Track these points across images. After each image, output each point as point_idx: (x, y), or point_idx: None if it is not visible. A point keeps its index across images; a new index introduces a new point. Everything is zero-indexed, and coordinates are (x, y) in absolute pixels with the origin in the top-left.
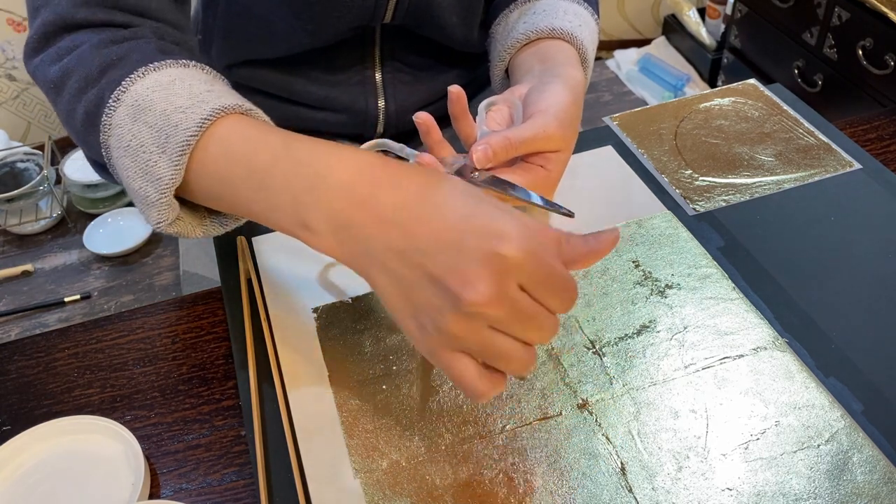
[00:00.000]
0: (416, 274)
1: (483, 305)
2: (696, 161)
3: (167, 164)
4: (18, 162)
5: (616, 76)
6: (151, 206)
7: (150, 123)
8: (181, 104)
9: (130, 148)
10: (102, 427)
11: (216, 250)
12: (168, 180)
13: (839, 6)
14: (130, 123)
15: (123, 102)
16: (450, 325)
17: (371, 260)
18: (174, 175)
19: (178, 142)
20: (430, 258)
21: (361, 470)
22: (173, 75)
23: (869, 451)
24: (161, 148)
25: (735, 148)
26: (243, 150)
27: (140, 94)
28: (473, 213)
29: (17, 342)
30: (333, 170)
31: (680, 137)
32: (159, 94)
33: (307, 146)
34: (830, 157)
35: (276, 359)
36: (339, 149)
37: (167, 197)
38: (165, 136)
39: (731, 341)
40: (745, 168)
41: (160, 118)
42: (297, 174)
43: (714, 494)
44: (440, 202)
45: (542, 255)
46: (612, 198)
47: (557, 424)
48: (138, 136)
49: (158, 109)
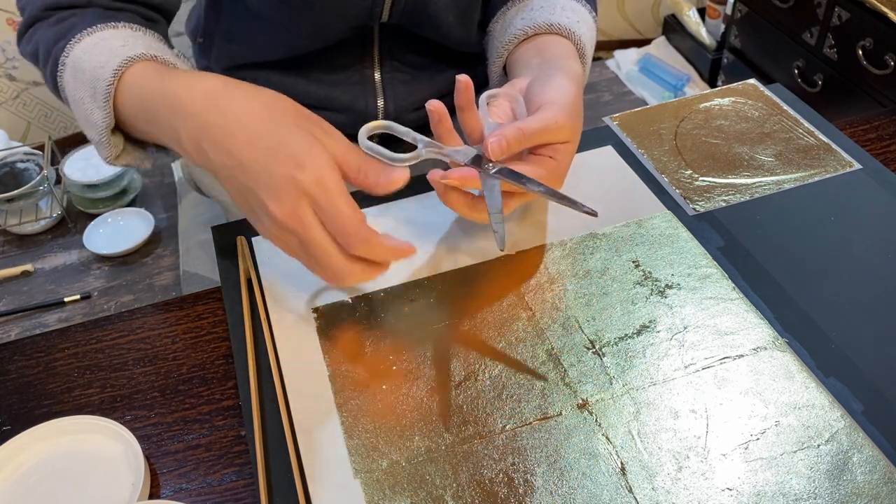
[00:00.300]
0: (242, 185)
1: (280, 220)
2: (696, 161)
3: (98, 111)
4: (18, 162)
5: (616, 76)
6: (98, 146)
7: (83, 80)
8: (102, 61)
9: (75, 101)
10: (102, 427)
11: (216, 250)
12: (101, 123)
13: (839, 6)
14: (73, 81)
15: (67, 66)
16: (268, 227)
17: (217, 172)
18: (105, 118)
19: (101, 92)
20: (250, 176)
21: (361, 470)
22: (102, 37)
23: (869, 451)
24: (92, 98)
25: (735, 148)
26: (139, 92)
27: (76, 57)
28: (283, 143)
29: (17, 342)
30: (186, 102)
31: (680, 137)
32: (88, 56)
33: (176, 83)
34: (830, 157)
35: (276, 359)
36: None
37: (105, 137)
38: (93, 88)
39: (731, 341)
40: (745, 168)
41: (88, 75)
42: (168, 108)
43: (714, 494)
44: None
45: (332, 188)
46: (612, 198)
47: (557, 424)
48: (78, 90)
49: (87, 68)
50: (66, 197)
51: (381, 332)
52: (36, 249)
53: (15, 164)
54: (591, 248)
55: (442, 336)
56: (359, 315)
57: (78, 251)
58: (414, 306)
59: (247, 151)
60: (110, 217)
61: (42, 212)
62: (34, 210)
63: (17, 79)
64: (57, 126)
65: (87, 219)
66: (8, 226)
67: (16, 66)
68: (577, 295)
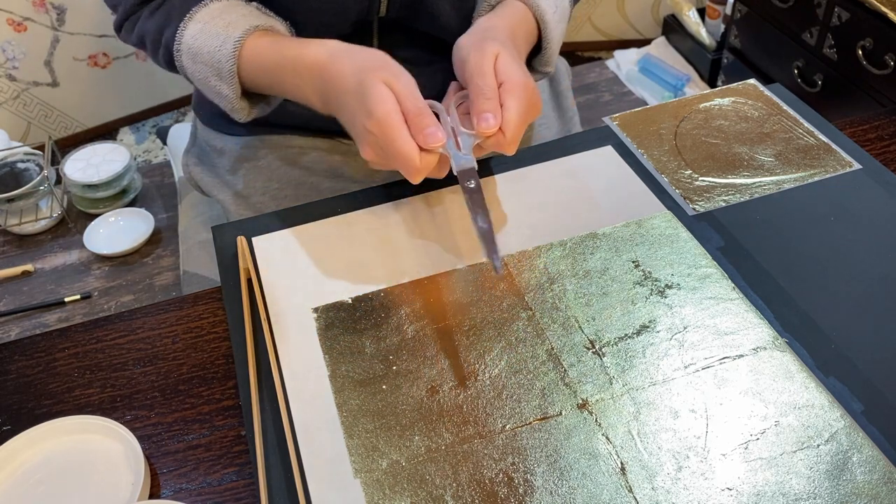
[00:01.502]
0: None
1: (364, 154)
2: (696, 161)
3: (227, 87)
4: (18, 162)
5: (616, 76)
6: (231, 112)
7: (204, 62)
8: (216, 44)
9: (200, 80)
10: (102, 427)
11: (216, 250)
12: (232, 95)
13: (839, 6)
14: (192, 64)
15: (182, 52)
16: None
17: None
18: (234, 91)
19: (226, 71)
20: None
21: (361, 470)
22: (202, 19)
23: (869, 451)
24: (218, 77)
25: (735, 148)
26: (260, 63)
27: (188, 44)
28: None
29: (17, 342)
30: (307, 61)
31: (680, 137)
32: (200, 41)
33: (291, 51)
34: (830, 157)
35: (276, 359)
36: (310, 44)
37: (236, 104)
38: (217, 69)
39: (731, 341)
40: (744, 168)
41: (207, 58)
42: (291, 71)
43: (714, 494)
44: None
45: (390, 132)
46: (612, 198)
47: (557, 424)
48: (202, 71)
49: (204, 52)
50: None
51: (381, 332)
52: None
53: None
54: (591, 248)
55: (442, 336)
56: (359, 315)
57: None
58: (414, 306)
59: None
60: (110, 217)
61: (42, 212)
62: (34, 210)
63: (17, 79)
64: (57, 126)
65: (87, 219)
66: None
67: (16, 67)
68: (577, 295)
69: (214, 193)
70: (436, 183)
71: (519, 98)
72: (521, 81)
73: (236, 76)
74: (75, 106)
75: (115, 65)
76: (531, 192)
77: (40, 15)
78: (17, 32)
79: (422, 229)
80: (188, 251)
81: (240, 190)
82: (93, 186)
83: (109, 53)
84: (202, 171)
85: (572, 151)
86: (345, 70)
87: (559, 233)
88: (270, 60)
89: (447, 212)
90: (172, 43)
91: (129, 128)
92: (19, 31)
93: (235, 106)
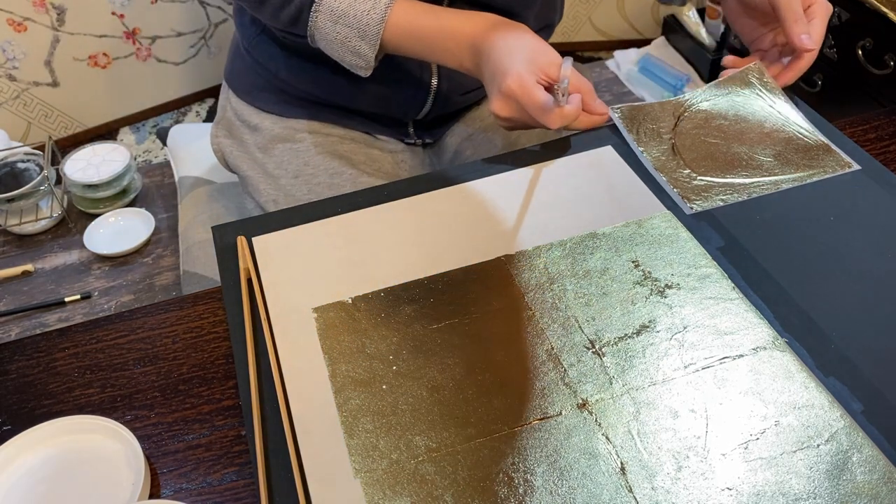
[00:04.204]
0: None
1: (498, 111)
2: (695, 161)
3: (368, 46)
4: (19, 162)
5: (616, 76)
6: (359, 69)
7: (348, 24)
8: (364, 8)
9: (337, 41)
10: (102, 427)
11: (216, 250)
12: (370, 55)
13: (839, 6)
14: (332, 25)
15: (321, 12)
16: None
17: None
18: (373, 51)
19: (372, 34)
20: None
21: (361, 470)
22: None
23: (869, 451)
24: (361, 37)
25: (734, 148)
26: (410, 28)
27: (332, 6)
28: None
29: (17, 342)
30: (464, 31)
31: (679, 137)
32: (346, 4)
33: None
34: (830, 158)
35: (277, 359)
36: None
37: (371, 63)
38: (361, 31)
39: (731, 341)
40: (744, 168)
41: (353, 20)
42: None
43: (714, 494)
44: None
45: (527, 89)
46: (612, 198)
47: (557, 424)
48: (342, 32)
49: (350, 14)
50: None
51: (381, 332)
52: (36, 249)
53: (15, 164)
54: (591, 248)
55: (442, 336)
56: (359, 315)
57: (78, 251)
58: (414, 306)
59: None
60: (110, 217)
61: (42, 212)
62: (34, 210)
63: (18, 79)
64: (57, 126)
65: (87, 219)
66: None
67: (16, 67)
68: (577, 295)
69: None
70: (436, 183)
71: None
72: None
73: (380, 38)
74: (75, 106)
75: (115, 65)
76: (532, 192)
77: (40, 15)
78: (17, 32)
79: (422, 229)
80: (188, 251)
81: (270, 169)
82: (93, 186)
83: (109, 53)
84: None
85: (572, 151)
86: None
87: (559, 233)
88: (424, 26)
89: (448, 212)
90: (311, 3)
91: (129, 128)
92: (19, 31)
93: (369, 64)
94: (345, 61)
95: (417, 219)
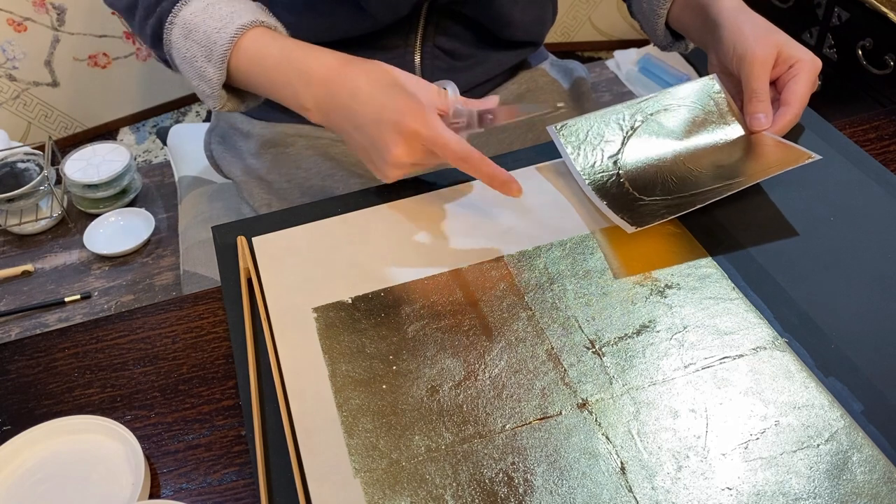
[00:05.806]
0: (363, 138)
1: (401, 158)
2: (639, 182)
3: (213, 69)
4: (19, 162)
5: (616, 76)
6: (208, 98)
7: (197, 41)
8: (216, 26)
9: (186, 59)
10: (102, 427)
11: (216, 250)
12: (216, 80)
13: (839, 6)
14: (183, 41)
15: (176, 25)
16: (387, 170)
17: (341, 129)
18: (219, 76)
19: (218, 54)
20: (368, 130)
21: (361, 469)
22: (208, 1)
23: (869, 450)
24: (207, 58)
25: (730, 147)
26: (258, 57)
27: (186, 19)
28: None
29: (17, 342)
30: (315, 70)
31: (625, 153)
32: (199, 18)
33: (298, 52)
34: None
35: (277, 359)
36: (319, 53)
37: (217, 91)
38: (209, 50)
39: (731, 341)
40: (738, 168)
41: (203, 37)
42: (294, 72)
43: (714, 494)
44: (370, 93)
45: (432, 125)
46: None
47: (557, 424)
48: (191, 50)
49: (201, 30)
50: (67, 197)
51: (381, 332)
52: (36, 249)
53: (15, 164)
54: (591, 248)
55: (442, 336)
56: (359, 315)
57: (78, 251)
58: (414, 306)
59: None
60: (110, 217)
61: (42, 212)
62: (34, 210)
63: (17, 79)
64: (57, 126)
65: (87, 219)
66: (8, 226)
67: (16, 67)
68: (577, 295)
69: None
70: (435, 183)
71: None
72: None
73: (226, 62)
74: (75, 106)
75: (115, 65)
76: (532, 193)
77: (40, 15)
78: (17, 32)
79: (422, 229)
80: (188, 251)
81: (263, 174)
82: (93, 186)
83: (109, 53)
84: (224, 150)
85: None
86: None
87: (559, 233)
88: (271, 56)
89: (448, 212)
90: (168, 14)
91: (129, 128)
92: (19, 31)
93: (215, 92)
94: (195, 88)
95: (418, 219)
